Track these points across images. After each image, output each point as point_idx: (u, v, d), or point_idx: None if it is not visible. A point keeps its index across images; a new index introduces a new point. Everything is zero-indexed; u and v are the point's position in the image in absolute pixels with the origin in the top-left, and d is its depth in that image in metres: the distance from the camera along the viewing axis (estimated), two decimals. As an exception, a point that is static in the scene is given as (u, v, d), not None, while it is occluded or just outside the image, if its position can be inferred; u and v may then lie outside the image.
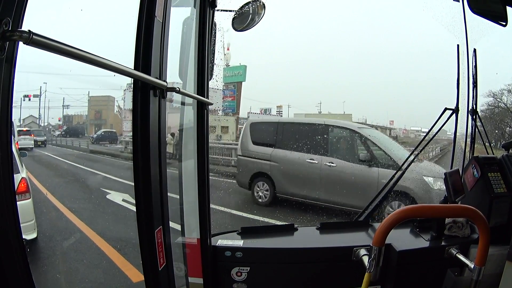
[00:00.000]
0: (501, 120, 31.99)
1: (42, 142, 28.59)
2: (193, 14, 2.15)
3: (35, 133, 28.79)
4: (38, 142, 27.46)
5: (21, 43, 0.87)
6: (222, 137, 35.37)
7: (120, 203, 9.67)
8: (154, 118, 1.45)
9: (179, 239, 2.22)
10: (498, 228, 2.50)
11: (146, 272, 1.53)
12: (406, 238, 2.61)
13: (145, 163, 1.44)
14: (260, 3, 2.47)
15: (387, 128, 67.33)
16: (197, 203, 2.20)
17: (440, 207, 2.05)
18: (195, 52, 2.14)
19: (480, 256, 1.80)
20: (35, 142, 27.05)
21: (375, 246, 1.75)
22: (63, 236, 6.96)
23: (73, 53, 0.97)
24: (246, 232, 2.59)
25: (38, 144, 27.13)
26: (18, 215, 1.05)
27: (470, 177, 2.81)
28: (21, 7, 0.97)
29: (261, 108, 58.44)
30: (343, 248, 2.36)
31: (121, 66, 1.17)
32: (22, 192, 5.49)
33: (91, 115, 48.39)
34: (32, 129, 30.30)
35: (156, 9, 1.41)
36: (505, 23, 2.68)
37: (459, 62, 3.10)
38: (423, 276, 2.40)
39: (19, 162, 5.94)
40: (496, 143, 20.81)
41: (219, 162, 20.16)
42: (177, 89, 1.61)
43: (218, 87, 35.01)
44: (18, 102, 33.48)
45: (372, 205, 2.95)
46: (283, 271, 2.37)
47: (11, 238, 1.02)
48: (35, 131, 29.92)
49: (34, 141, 26.51)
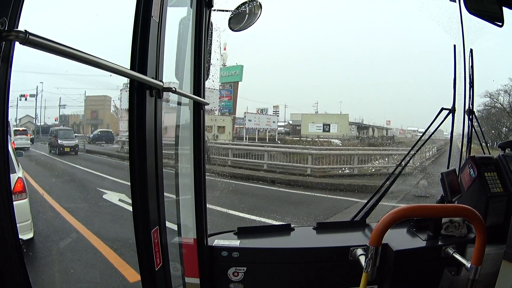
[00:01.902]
0: (498, 120, 32.13)
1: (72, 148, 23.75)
2: (190, 14, 2.15)
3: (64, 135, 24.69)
4: (65, 148, 23.31)
5: (17, 43, 0.87)
6: (219, 137, 35.43)
7: (116, 203, 9.67)
8: (150, 118, 1.45)
9: (176, 239, 2.22)
10: (495, 228, 2.51)
11: (142, 272, 1.53)
12: (403, 238, 2.61)
13: (141, 163, 1.43)
14: (256, 3, 2.47)
15: (384, 128, 67.52)
16: (193, 203, 2.20)
17: (437, 207, 2.06)
18: (191, 52, 2.14)
19: (476, 256, 1.81)
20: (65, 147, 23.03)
21: (372, 246, 1.75)
22: (60, 236, 6.96)
23: (70, 53, 0.97)
24: (242, 232, 2.59)
25: (66, 151, 23.10)
26: (15, 215, 1.05)
27: (467, 177, 2.81)
28: (18, 7, 0.97)
29: (258, 108, 58.59)
30: (340, 248, 2.36)
31: (118, 66, 1.17)
32: (18, 192, 5.48)
33: (87, 115, 48.45)
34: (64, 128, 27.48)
35: (153, 9, 1.40)
36: (501, 23, 2.70)
37: (455, 62, 3.11)
38: (420, 276, 2.40)
39: (15, 162, 5.93)
40: (492, 143, 20.91)
41: (216, 162, 20.20)
42: (173, 89, 1.60)
43: (215, 87, 35.16)
44: (14, 102, 33.39)
45: (369, 204, 2.95)
46: (279, 271, 2.37)
47: (8, 238, 1.02)
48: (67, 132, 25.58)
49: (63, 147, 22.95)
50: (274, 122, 47.39)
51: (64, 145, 23.53)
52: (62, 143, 23.66)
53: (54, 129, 27.34)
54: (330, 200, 11.79)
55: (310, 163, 17.97)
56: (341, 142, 41.50)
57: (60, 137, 24.21)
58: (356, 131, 60.24)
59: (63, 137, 24.44)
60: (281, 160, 19.81)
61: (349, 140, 46.76)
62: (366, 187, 13.55)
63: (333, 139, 43.82)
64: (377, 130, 67.09)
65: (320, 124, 55.95)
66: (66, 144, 23.79)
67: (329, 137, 47.33)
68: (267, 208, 10.25)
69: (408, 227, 2.72)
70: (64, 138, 24.32)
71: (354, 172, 18.31)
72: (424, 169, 17.54)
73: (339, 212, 9.95)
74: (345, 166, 18.99)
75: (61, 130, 26.46)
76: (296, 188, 14.23)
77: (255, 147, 23.21)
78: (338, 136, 48.87)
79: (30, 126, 34.23)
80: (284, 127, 63.89)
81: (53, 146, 24.35)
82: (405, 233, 2.68)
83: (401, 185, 12.22)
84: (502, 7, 2.65)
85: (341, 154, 20.14)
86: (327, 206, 10.95)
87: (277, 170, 18.17)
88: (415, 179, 14.06)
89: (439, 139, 33.40)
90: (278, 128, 52.19)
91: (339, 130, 53.36)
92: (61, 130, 26.69)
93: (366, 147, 29.99)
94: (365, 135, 60.69)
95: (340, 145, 36.24)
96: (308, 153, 18.51)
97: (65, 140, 24.09)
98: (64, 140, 24.09)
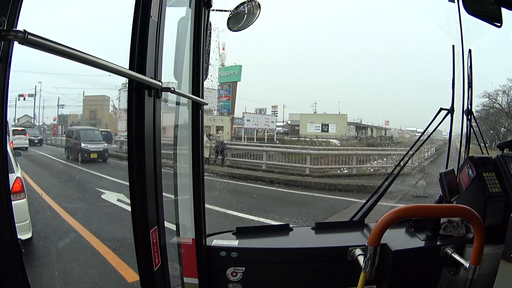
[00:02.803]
0: (496, 121, 32.22)
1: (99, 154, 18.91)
2: (189, 14, 2.15)
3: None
4: (92, 154, 18.30)
5: (16, 42, 0.87)
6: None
7: (115, 203, 9.66)
8: (149, 118, 1.45)
9: (174, 239, 2.21)
10: (493, 228, 2.51)
11: (141, 272, 1.53)
12: (401, 238, 2.62)
13: (140, 163, 1.43)
14: (255, 3, 2.47)
15: (382, 128, 67.58)
16: (192, 203, 2.20)
17: (436, 207, 2.06)
18: (190, 52, 2.14)
19: (475, 256, 1.81)
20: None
21: (371, 246, 1.75)
22: (58, 236, 6.95)
23: (68, 53, 0.97)
24: (241, 232, 2.59)
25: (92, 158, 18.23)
26: (13, 215, 1.05)
27: (465, 177, 2.82)
28: (16, 6, 0.97)
29: (256, 108, 58.52)
30: (339, 248, 2.36)
31: (116, 66, 1.17)
32: (17, 191, 5.48)
33: (86, 115, 48.44)
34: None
35: (152, 9, 1.40)
36: (500, 24, 2.70)
37: (454, 62, 3.11)
38: (418, 276, 2.41)
39: (13, 162, 5.93)
40: (491, 144, 20.94)
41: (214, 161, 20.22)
42: (172, 89, 1.60)
43: (213, 87, 35.13)
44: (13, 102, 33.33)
45: (368, 204, 2.95)
46: (278, 271, 2.37)
47: (6, 238, 1.02)
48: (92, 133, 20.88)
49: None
50: (273, 122, 47.35)
51: (90, 151, 18.88)
52: (87, 148, 18.96)
53: (73, 129, 22.27)
54: (328, 200, 11.78)
55: (309, 163, 17.99)
56: (340, 142, 41.59)
57: (84, 140, 19.40)
58: (355, 131, 60.39)
59: (88, 140, 19.66)
60: (279, 160, 19.87)
61: (347, 140, 46.83)
62: (364, 187, 13.57)
63: (331, 139, 43.89)
64: (375, 130, 67.22)
65: (318, 124, 56.03)
66: (93, 149, 19.07)
67: (328, 137, 47.40)
68: (266, 208, 10.25)
69: (407, 227, 2.72)
70: (88, 141, 19.50)
71: (353, 172, 18.34)
72: (422, 169, 17.55)
73: (338, 212, 9.96)
74: (344, 166, 19.02)
75: (84, 130, 21.34)
76: (294, 188, 14.23)
77: (254, 147, 23.20)
78: (337, 136, 48.96)
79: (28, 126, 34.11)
80: (283, 127, 64.00)
81: (73, 151, 19.67)
82: (403, 233, 2.68)
83: (399, 185, 12.22)
84: (500, 8, 2.65)
85: (339, 154, 20.17)
86: (325, 206, 10.95)
87: (275, 170, 18.21)
88: (413, 179, 14.07)
89: (437, 139, 33.53)
90: (277, 128, 52.18)
91: (338, 130, 53.43)
92: (83, 130, 21.59)
93: (365, 147, 29.98)
94: (363, 135, 60.82)
95: (338, 145, 36.36)
96: (307, 153, 18.52)
97: (90, 144, 19.31)
98: (89, 143, 19.31)
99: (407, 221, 2.73)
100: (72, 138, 20.45)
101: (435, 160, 23.74)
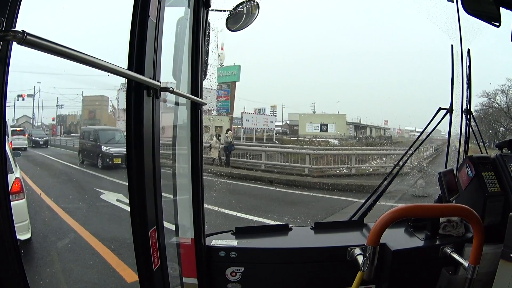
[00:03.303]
0: (495, 120, 32.24)
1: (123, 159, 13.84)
2: (187, 14, 2.14)
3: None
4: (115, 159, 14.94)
5: (14, 43, 0.86)
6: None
7: (114, 203, 9.65)
8: (148, 118, 1.44)
9: (173, 239, 2.21)
10: (492, 227, 2.51)
11: (140, 272, 1.52)
12: (400, 237, 2.62)
13: (139, 163, 1.43)
14: (254, 3, 2.47)
15: (381, 128, 67.56)
16: (191, 203, 2.20)
17: (435, 207, 2.06)
18: (189, 52, 2.14)
19: (474, 255, 1.81)
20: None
21: (370, 246, 1.75)
22: (57, 236, 6.95)
23: (67, 53, 0.96)
24: (240, 232, 2.58)
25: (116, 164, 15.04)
26: (12, 215, 1.05)
27: (464, 177, 2.82)
28: (15, 7, 0.97)
29: (255, 108, 58.36)
30: (338, 248, 2.36)
31: (115, 66, 1.17)
32: (16, 192, 5.48)
33: (85, 115, 48.31)
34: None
35: (150, 9, 1.40)
36: (499, 23, 2.70)
37: (453, 62, 3.11)
38: (417, 275, 2.41)
39: (12, 162, 5.93)
40: (490, 143, 20.95)
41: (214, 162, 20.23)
42: (170, 89, 1.60)
43: (212, 87, 35.07)
44: (11, 102, 33.28)
45: (367, 204, 2.95)
46: (277, 271, 2.37)
47: (5, 238, 1.02)
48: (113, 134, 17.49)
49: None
50: (272, 122, 47.24)
51: (112, 155, 15.69)
52: (109, 152, 15.90)
53: (90, 130, 19.22)
54: (327, 200, 11.79)
55: (308, 163, 18.02)
56: (339, 142, 41.59)
57: (104, 142, 16.49)
58: (354, 131, 60.34)
59: (109, 142, 16.58)
60: (278, 160, 19.87)
61: (346, 140, 46.85)
62: (363, 187, 13.57)
63: (330, 139, 43.89)
64: (374, 130, 67.18)
65: (317, 124, 56.05)
66: (116, 153, 15.59)
67: (327, 137, 47.41)
68: (265, 208, 10.26)
69: (406, 227, 2.73)
70: (110, 144, 16.34)
71: (352, 172, 18.37)
72: (421, 169, 17.58)
73: (337, 212, 9.96)
74: (343, 166, 19.04)
75: (103, 131, 18.22)
76: (293, 188, 14.24)
77: (253, 147, 23.21)
78: (336, 136, 48.92)
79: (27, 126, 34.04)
80: (282, 127, 63.86)
81: (90, 154, 17.08)
82: (403, 233, 2.68)
83: (398, 185, 12.26)
84: (499, 7, 2.65)
85: (338, 154, 20.21)
86: (324, 206, 10.96)
87: (274, 170, 18.23)
88: (413, 179, 14.10)
89: (436, 139, 33.58)
90: (276, 128, 52.09)
91: (337, 130, 53.42)
92: (102, 130, 18.42)
93: (364, 147, 30.04)
94: (362, 135, 60.77)
95: (337, 145, 36.31)
96: (306, 153, 18.55)
97: (112, 147, 16.00)
98: (111, 146, 16.13)
99: (406, 220, 2.73)
100: (89, 140, 17.81)
101: (434, 160, 23.79)
